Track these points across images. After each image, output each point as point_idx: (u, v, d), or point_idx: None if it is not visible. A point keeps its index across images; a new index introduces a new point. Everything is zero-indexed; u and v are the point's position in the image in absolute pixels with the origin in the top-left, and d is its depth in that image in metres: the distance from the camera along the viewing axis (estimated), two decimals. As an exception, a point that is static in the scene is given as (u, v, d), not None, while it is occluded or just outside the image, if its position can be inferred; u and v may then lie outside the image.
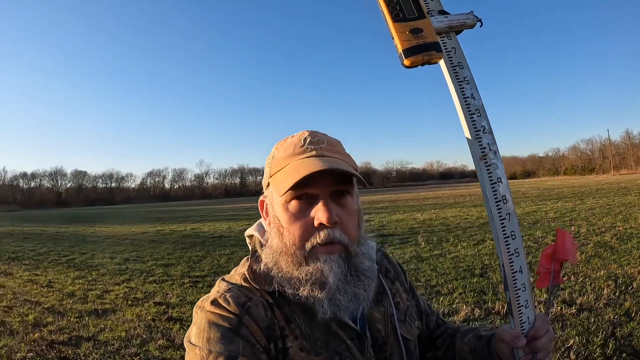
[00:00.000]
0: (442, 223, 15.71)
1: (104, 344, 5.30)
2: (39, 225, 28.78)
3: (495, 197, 1.08)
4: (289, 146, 1.16)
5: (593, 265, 7.53)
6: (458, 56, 1.13)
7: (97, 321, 6.23)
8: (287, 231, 1.08)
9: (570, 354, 4.20)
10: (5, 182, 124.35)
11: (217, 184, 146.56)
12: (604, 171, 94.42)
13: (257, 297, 1.08)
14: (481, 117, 1.11)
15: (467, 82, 1.12)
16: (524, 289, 1.10)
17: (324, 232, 1.04)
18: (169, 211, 41.93)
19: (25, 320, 6.37)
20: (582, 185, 38.90)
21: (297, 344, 1.05)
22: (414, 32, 1.09)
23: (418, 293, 1.49)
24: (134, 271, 10.09)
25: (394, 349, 1.20)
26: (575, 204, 19.43)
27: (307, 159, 1.09)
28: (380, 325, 1.21)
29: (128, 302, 7.28)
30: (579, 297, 5.81)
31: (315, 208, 1.06)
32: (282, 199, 1.09)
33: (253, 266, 1.14)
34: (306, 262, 1.05)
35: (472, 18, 1.15)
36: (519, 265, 1.09)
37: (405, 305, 1.33)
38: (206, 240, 15.37)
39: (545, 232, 11.67)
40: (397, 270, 1.43)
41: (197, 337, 1.01)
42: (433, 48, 1.09)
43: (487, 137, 1.09)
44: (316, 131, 1.20)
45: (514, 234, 1.09)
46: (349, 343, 1.11)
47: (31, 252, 14.34)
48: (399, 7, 1.11)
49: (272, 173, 1.16)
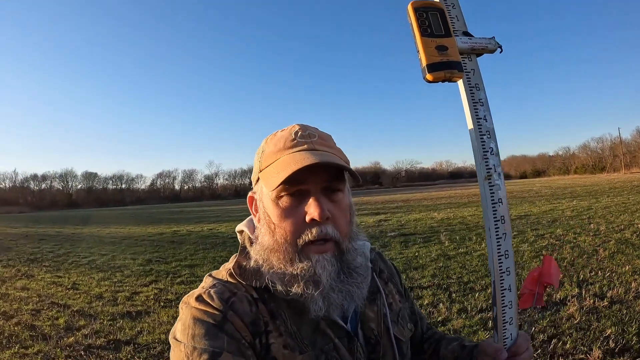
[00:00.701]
0: (461, 222, 15.75)
1: (145, 347, 5.13)
2: (53, 227, 28.71)
3: (495, 216, 1.12)
4: (279, 140, 1.13)
5: (617, 261, 7.70)
6: (476, 78, 1.16)
7: (132, 324, 6.04)
8: (278, 227, 1.06)
9: (610, 342, 4.38)
10: (17, 184, 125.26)
11: (227, 184, 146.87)
12: (614, 170, 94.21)
13: (241, 292, 1.06)
14: (491, 138, 1.15)
15: (481, 104, 1.15)
16: (510, 307, 1.15)
17: (315, 228, 1.03)
18: (181, 212, 41.92)
19: (56, 324, 6.17)
20: (594, 184, 39.15)
21: (281, 340, 1.02)
22: (439, 48, 1.11)
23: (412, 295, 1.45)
24: (159, 272, 9.91)
25: (386, 350, 1.18)
26: (590, 203, 19.58)
27: (299, 152, 1.06)
28: (373, 324, 1.19)
29: (160, 303, 7.10)
30: (609, 291, 5.98)
31: (306, 204, 1.04)
32: (272, 194, 1.07)
33: (241, 261, 1.13)
34: (298, 258, 1.03)
35: (493, 43, 1.18)
36: (509, 283, 1.14)
37: (398, 307, 1.31)
38: (226, 240, 15.18)
39: (565, 230, 11.81)
40: (392, 271, 1.41)
41: (182, 333, 0.99)
42: (455, 67, 1.11)
43: (494, 159, 1.14)
44: (307, 125, 1.18)
45: (507, 253, 1.13)
46: (337, 342, 1.09)
47: (50, 254, 14.13)
48: (428, 23, 1.13)
49: (261, 167, 1.13)
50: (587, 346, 4.36)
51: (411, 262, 9.01)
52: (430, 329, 1.50)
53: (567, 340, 4.49)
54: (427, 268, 8.35)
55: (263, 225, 1.11)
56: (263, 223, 1.11)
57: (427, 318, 5.44)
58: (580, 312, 5.23)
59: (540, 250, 9.33)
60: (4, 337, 5.63)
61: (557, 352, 4.30)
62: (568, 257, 8.34)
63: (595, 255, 8.39)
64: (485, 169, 1.13)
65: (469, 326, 5.07)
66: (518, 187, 43.75)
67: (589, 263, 7.73)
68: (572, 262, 7.90)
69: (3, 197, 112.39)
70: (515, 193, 32.81)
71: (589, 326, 4.81)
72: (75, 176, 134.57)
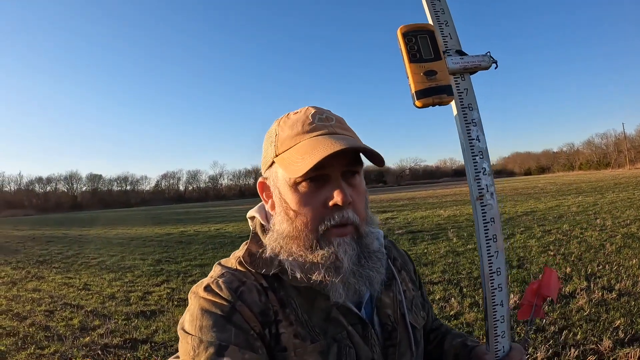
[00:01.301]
0: (468, 219, 15.67)
1: (162, 345, 5.18)
2: (59, 229, 28.73)
3: (487, 235, 1.13)
4: (296, 123, 1.09)
5: (624, 255, 7.79)
6: (469, 98, 1.15)
7: (147, 323, 6.10)
8: (298, 214, 1.03)
9: (619, 333, 4.47)
10: (22, 187, 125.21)
11: (231, 185, 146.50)
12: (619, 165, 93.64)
13: (250, 281, 1.05)
14: (483, 159, 1.14)
15: (474, 124, 1.15)
16: (502, 321, 1.16)
17: (338, 213, 1.01)
18: (187, 212, 41.87)
19: (71, 324, 6.22)
20: (599, 179, 38.95)
21: (291, 330, 1.01)
22: (427, 74, 1.10)
23: (423, 285, 1.45)
24: (170, 272, 9.95)
25: (402, 337, 1.16)
26: (596, 198, 19.53)
27: (321, 137, 1.03)
28: (389, 311, 1.17)
29: (174, 302, 7.14)
30: (617, 284, 6.08)
31: (327, 188, 1.02)
32: (290, 179, 1.03)
33: (252, 249, 1.12)
34: (319, 245, 1.01)
35: (487, 60, 1.17)
36: (501, 299, 1.15)
37: (412, 295, 1.29)
38: (235, 240, 15.19)
39: (572, 226, 11.84)
40: (405, 259, 1.39)
41: (190, 324, 0.98)
42: (444, 91, 1.10)
43: (487, 179, 1.14)
44: (321, 107, 1.15)
45: (500, 271, 1.14)
46: (350, 329, 1.06)
47: (58, 255, 14.20)
48: (417, 47, 1.12)
49: (278, 152, 1.09)
50: (597, 336, 4.42)
51: (421, 259, 9.05)
52: (436, 320, 1.49)
53: (577, 332, 4.54)
54: (437, 264, 8.40)
55: (280, 213, 1.08)
56: (280, 210, 1.08)
57: (440, 312, 5.52)
58: (590, 304, 5.29)
59: (547, 245, 9.38)
60: (19, 338, 5.69)
61: (568, 342, 4.35)
62: (575, 252, 8.40)
63: (602, 249, 8.43)
64: (477, 189, 1.14)
65: (481, 319, 5.10)
66: (523, 184, 43.59)
67: (597, 257, 7.78)
68: (580, 257, 7.96)
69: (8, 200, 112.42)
70: (520, 190, 32.74)
71: (599, 317, 4.87)
72: (80, 178, 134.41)
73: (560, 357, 4.12)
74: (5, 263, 12.86)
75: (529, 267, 7.56)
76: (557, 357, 4.13)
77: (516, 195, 27.26)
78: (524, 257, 8.46)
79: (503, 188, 38.41)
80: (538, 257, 8.31)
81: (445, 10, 1.20)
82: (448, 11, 1.20)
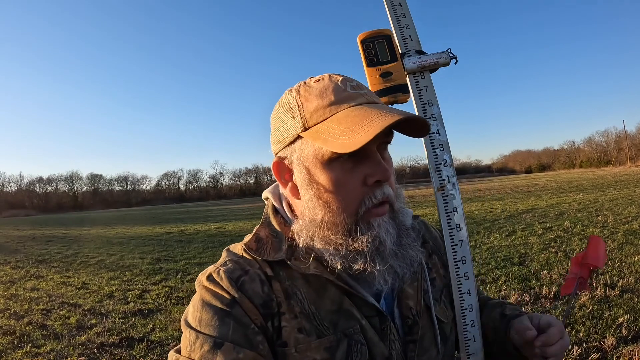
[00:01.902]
0: (468, 216, 15.67)
1: (158, 344, 5.13)
2: (59, 229, 28.72)
3: (449, 225, 1.15)
4: (325, 91, 0.93)
5: (626, 252, 7.72)
6: (429, 94, 1.20)
7: (144, 321, 6.05)
8: (336, 195, 0.90)
9: (622, 330, 4.44)
10: (22, 187, 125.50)
11: (231, 184, 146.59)
12: (620, 163, 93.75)
13: (254, 270, 0.96)
14: (444, 151, 1.17)
15: (434, 119, 1.19)
16: (471, 310, 1.15)
17: (379, 190, 0.90)
18: (187, 212, 41.92)
19: (68, 323, 6.18)
20: (600, 177, 39.01)
21: (295, 323, 0.92)
22: (383, 75, 1.17)
23: None
24: (168, 271, 9.92)
25: (425, 331, 1.03)
26: (597, 196, 19.49)
27: (365, 106, 0.89)
28: (412, 302, 1.04)
29: (171, 301, 7.10)
30: (620, 280, 6.03)
31: (366, 164, 0.90)
32: (324, 156, 0.90)
33: (259, 233, 1.02)
34: (359, 229, 0.90)
35: (445, 57, 1.21)
36: (467, 287, 1.15)
37: (442, 283, 1.17)
38: (234, 239, 15.01)
39: (573, 223, 11.78)
40: (438, 242, 1.24)
41: (192, 316, 0.92)
42: (400, 90, 1.16)
43: (448, 170, 1.17)
44: (343, 75, 0.99)
45: (465, 259, 1.15)
46: (364, 323, 0.95)
47: (58, 255, 14.17)
48: (374, 52, 1.19)
49: (308, 125, 0.92)
50: (600, 334, 4.37)
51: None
52: None
53: (580, 329, 4.48)
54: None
55: (310, 197, 0.94)
56: (310, 193, 0.94)
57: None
58: (592, 301, 5.23)
59: (549, 242, 9.32)
60: (15, 337, 5.65)
61: (570, 340, 4.29)
62: (577, 249, 8.33)
63: (604, 246, 8.35)
64: (438, 180, 1.17)
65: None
66: (524, 182, 43.67)
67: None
68: (582, 254, 7.86)
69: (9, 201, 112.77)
70: (521, 187, 32.78)
71: (601, 315, 4.82)
72: (80, 178, 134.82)
73: (564, 355, 4.05)
74: (4, 263, 12.83)
75: (530, 264, 7.50)
76: (559, 354, 4.08)
77: (517, 192, 27.30)
78: (525, 254, 8.42)
79: (504, 186, 38.45)
80: (539, 254, 8.25)
81: (407, 14, 1.27)
82: (409, 14, 1.27)
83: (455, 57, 1.23)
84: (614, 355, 3.96)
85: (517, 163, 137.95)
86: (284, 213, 1.05)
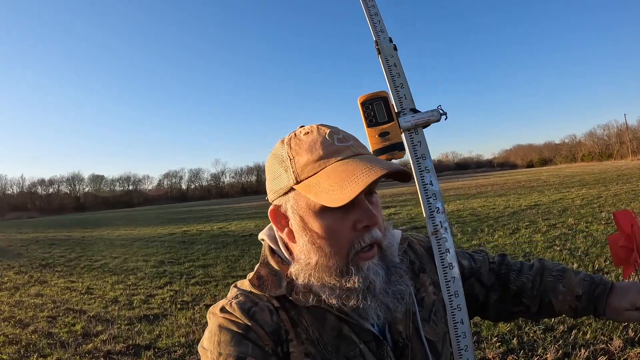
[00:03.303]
0: (472, 213, 15.73)
1: (165, 351, 5.13)
2: (62, 231, 28.80)
3: (443, 264, 1.24)
4: (314, 145, 1.02)
5: None
6: (422, 149, 1.32)
7: (150, 327, 6.06)
8: (327, 241, 0.99)
9: (629, 332, 4.40)
10: (24, 189, 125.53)
11: (233, 182, 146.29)
12: (621, 157, 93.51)
13: (263, 302, 1.04)
14: (437, 200, 1.29)
15: (427, 171, 1.30)
16: (464, 337, 1.22)
17: (368, 234, 0.99)
18: (190, 211, 41.95)
19: (73, 331, 6.20)
20: (602, 171, 38.90)
21: (302, 349, 1.00)
22: (382, 135, 1.27)
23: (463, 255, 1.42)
24: (173, 274, 9.93)
25: (416, 353, 1.11)
26: (599, 191, 19.50)
27: (351, 160, 0.99)
28: (401, 327, 1.12)
29: (177, 306, 7.10)
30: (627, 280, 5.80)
31: (355, 211, 0.98)
32: (316, 207, 0.99)
33: (260, 272, 1.11)
34: (350, 271, 0.99)
35: (436, 115, 1.32)
36: (461, 317, 1.22)
37: (431, 300, 1.23)
38: (237, 239, 15.20)
39: (577, 219, 11.77)
40: (424, 259, 1.31)
41: (209, 341, 0.99)
42: (396, 148, 1.28)
43: (440, 217, 1.27)
44: (330, 125, 1.10)
45: (457, 293, 1.23)
46: (362, 347, 1.04)
47: (61, 259, 14.20)
48: (373, 114, 1.29)
49: (300, 178, 1.01)
50: (607, 336, 4.36)
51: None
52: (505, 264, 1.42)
53: (587, 330, 4.48)
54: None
55: (304, 242, 1.03)
56: (304, 240, 1.03)
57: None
58: (598, 302, 5.21)
59: (553, 240, 9.32)
60: (21, 346, 5.66)
61: (577, 342, 4.30)
62: (582, 247, 8.30)
63: (609, 244, 8.34)
64: (432, 225, 1.27)
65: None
66: (525, 177, 43.58)
67: (603, 252, 7.68)
68: (586, 252, 7.88)
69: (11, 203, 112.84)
70: (523, 183, 32.73)
71: (608, 316, 4.80)
72: (82, 179, 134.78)
73: (571, 357, 4.07)
74: (8, 267, 12.86)
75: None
76: (567, 357, 4.08)
77: (519, 188, 27.26)
78: (529, 252, 8.42)
79: (506, 181, 38.40)
80: (544, 252, 8.25)
81: (401, 74, 1.37)
82: (403, 74, 1.37)
83: (445, 113, 1.33)
84: (621, 358, 3.95)
85: (519, 157, 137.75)
86: (281, 253, 1.13)
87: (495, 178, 51.55)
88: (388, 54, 1.38)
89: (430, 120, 1.32)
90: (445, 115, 1.34)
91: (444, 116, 1.33)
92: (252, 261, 10.33)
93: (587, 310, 1.26)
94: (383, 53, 1.38)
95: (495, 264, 1.42)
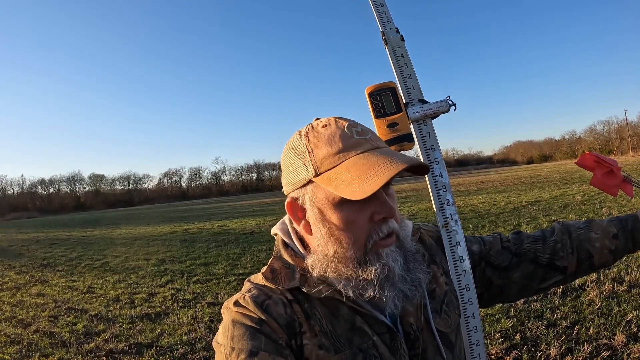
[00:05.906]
0: (473, 210, 15.73)
1: (167, 349, 5.11)
2: (63, 230, 28.77)
3: (454, 257, 1.25)
4: (332, 138, 1.02)
5: None
6: (431, 140, 1.32)
7: (152, 326, 6.06)
8: (346, 233, 1.00)
9: (632, 327, 4.40)
10: (24, 189, 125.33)
11: (233, 180, 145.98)
12: (622, 152, 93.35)
13: (276, 295, 1.05)
14: (446, 192, 1.29)
15: (437, 163, 1.31)
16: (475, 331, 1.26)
17: (385, 225, 1.00)
18: (190, 210, 41.91)
19: (75, 330, 6.20)
20: (603, 167, 38.50)
21: (316, 341, 1.01)
22: (390, 126, 1.27)
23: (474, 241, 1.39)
24: (174, 272, 9.94)
25: (427, 345, 1.11)
26: (600, 187, 19.32)
27: (370, 153, 0.99)
28: (412, 319, 1.11)
29: (179, 304, 7.11)
30: (627, 275, 6.00)
31: (373, 203, 0.99)
32: (335, 199, 0.99)
33: (273, 265, 1.12)
34: (368, 261, 0.99)
35: (445, 105, 1.32)
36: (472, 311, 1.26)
37: (443, 291, 1.22)
38: (238, 237, 15.19)
39: (578, 215, 11.77)
40: (434, 250, 1.31)
41: (222, 335, 1.01)
42: (405, 139, 1.28)
43: (450, 209, 1.28)
44: (348, 118, 1.09)
45: (469, 287, 1.25)
46: (376, 339, 1.04)
47: (62, 258, 14.22)
48: (381, 105, 1.29)
49: (320, 170, 1.01)
50: (610, 331, 4.36)
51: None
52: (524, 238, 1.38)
53: (590, 326, 4.48)
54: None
55: (322, 234, 1.03)
56: (322, 232, 1.03)
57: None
58: (601, 297, 5.23)
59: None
60: (23, 346, 5.67)
61: (580, 337, 4.29)
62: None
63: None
64: (442, 218, 1.28)
65: (492, 315, 5.07)
66: (526, 173, 43.58)
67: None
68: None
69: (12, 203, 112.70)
70: (523, 179, 32.72)
71: (610, 311, 4.81)
72: (82, 179, 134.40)
73: (574, 353, 4.06)
74: (9, 267, 12.87)
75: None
76: (570, 353, 4.06)
77: (520, 184, 27.25)
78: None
79: (506, 177, 38.40)
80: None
81: (409, 65, 1.37)
82: (411, 65, 1.37)
83: (454, 103, 1.32)
84: (624, 353, 3.94)
85: (519, 154, 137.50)
86: (294, 246, 1.13)
87: (495, 174, 51.56)
88: (395, 45, 1.37)
89: (439, 111, 1.31)
90: (455, 105, 1.33)
91: (453, 107, 1.33)
92: (253, 259, 10.36)
93: (627, 246, 1.29)
94: (390, 43, 1.36)
95: (511, 242, 1.38)
